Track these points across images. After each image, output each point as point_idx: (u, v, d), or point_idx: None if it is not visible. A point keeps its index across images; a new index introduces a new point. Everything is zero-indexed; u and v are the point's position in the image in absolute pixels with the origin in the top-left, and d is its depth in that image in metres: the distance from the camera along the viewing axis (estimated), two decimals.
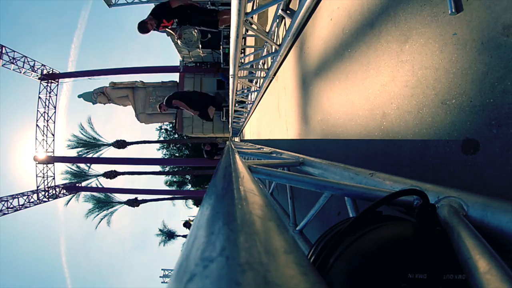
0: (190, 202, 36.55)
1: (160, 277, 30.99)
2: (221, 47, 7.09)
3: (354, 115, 1.24)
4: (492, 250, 0.30)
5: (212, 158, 7.62)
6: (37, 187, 17.01)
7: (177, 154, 30.29)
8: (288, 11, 2.04)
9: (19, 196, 16.48)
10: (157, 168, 26.40)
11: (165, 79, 18.14)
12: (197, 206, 42.42)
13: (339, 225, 0.51)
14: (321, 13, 1.57)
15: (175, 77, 17.67)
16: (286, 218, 1.42)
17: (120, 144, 23.94)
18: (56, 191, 17.80)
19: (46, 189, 17.26)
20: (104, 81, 17.88)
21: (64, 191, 18.44)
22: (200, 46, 7.63)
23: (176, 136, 30.77)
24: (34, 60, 16.75)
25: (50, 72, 17.46)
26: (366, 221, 0.43)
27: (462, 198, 0.41)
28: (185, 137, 23.98)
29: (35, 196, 16.95)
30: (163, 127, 31.80)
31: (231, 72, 2.75)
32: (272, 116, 2.59)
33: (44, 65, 17.17)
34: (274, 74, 2.54)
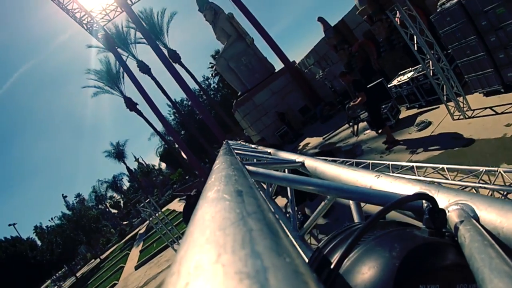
0: (159, 151, 38.09)
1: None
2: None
3: None
4: (506, 258, 0.30)
5: None
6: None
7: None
8: None
9: None
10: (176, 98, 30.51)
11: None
12: (161, 160, 43.09)
13: (343, 232, 0.51)
14: None
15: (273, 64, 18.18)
16: (286, 222, 1.43)
17: (175, 56, 25.13)
18: (103, 28, 19.74)
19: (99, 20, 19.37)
20: (225, 6, 17.88)
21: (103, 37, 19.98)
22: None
23: (212, 96, 32.21)
24: None
25: None
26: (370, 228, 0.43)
27: (474, 202, 0.42)
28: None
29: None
30: (209, 81, 33.07)
31: None
32: None
33: None
34: None
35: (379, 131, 6.89)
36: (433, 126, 5.95)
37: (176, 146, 34.70)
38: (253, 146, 3.44)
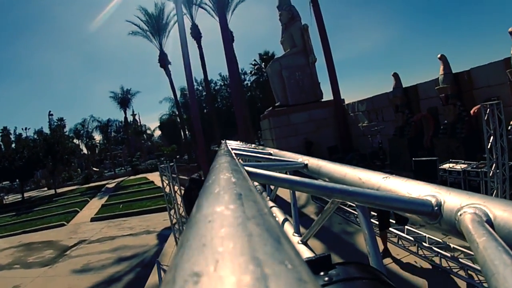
0: (164, 118, 40.12)
1: None
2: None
3: None
4: None
5: None
6: None
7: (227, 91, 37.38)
8: None
9: None
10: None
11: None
12: (160, 128, 44.33)
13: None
14: None
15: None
16: (288, 227, 1.45)
17: (232, 35, 27.14)
18: None
19: None
20: (303, 16, 18.76)
21: None
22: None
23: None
24: None
25: None
26: None
27: (488, 205, 0.42)
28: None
29: None
30: (245, 77, 36.13)
31: None
32: None
33: None
34: None
35: None
36: None
37: (180, 121, 35.83)
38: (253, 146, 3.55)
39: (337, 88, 17.44)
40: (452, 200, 0.47)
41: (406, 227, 6.39)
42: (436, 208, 0.48)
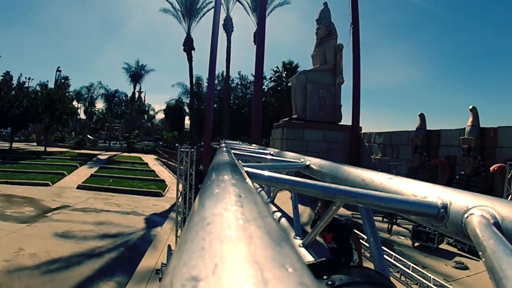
0: (171, 103, 43.45)
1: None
2: None
3: None
4: None
5: None
6: None
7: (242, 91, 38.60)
8: None
9: None
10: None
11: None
12: (165, 112, 44.78)
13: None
14: None
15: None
16: (289, 230, 1.45)
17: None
18: None
19: None
20: (342, 37, 19.14)
21: None
22: None
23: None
24: None
25: None
26: None
27: (495, 208, 0.42)
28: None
29: None
30: (264, 82, 36.43)
31: None
32: None
33: None
34: None
35: (416, 244, 8.23)
36: (470, 271, 6.99)
37: (189, 110, 36.05)
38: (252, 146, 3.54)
39: (358, 115, 17.63)
40: (459, 201, 0.48)
41: (411, 264, 6.67)
42: (442, 210, 0.48)
